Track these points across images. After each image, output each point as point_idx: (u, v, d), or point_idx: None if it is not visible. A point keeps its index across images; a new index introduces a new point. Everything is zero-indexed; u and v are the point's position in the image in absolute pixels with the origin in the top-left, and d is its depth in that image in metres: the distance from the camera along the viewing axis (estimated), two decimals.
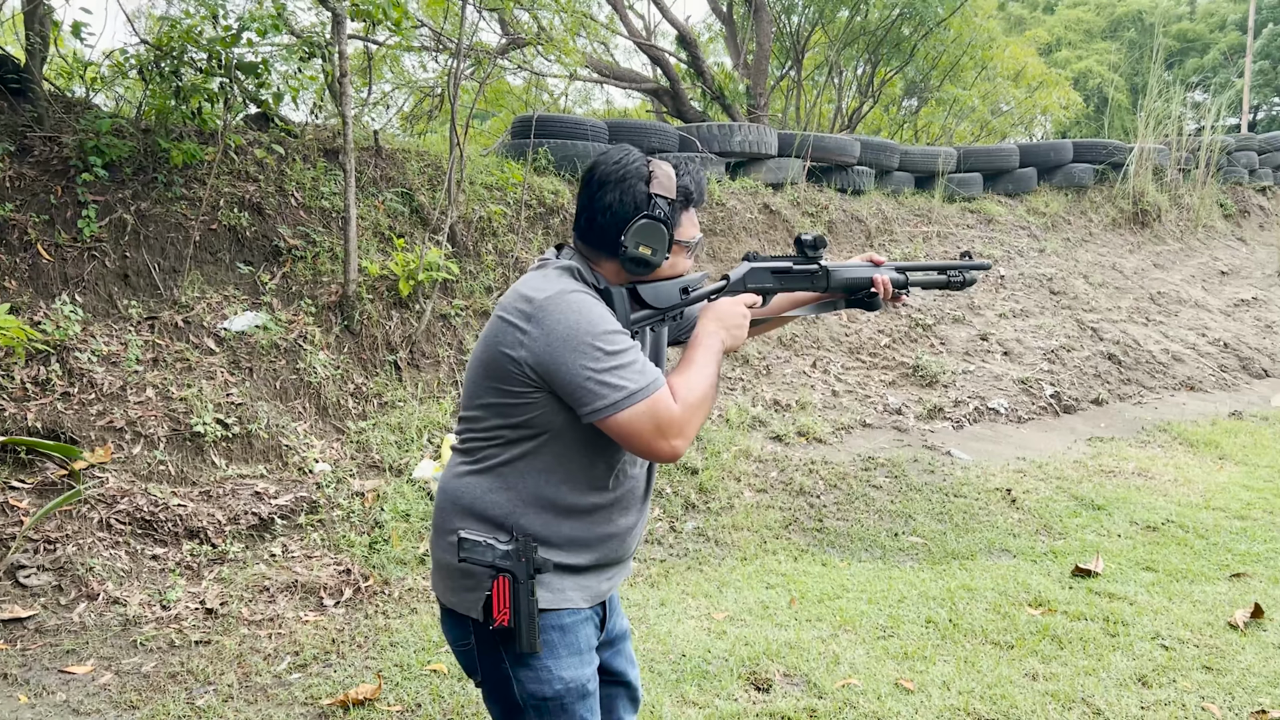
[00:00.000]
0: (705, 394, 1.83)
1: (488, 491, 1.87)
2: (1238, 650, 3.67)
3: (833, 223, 8.81)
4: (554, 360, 1.74)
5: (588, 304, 1.78)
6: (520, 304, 1.81)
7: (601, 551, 1.94)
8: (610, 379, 1.73)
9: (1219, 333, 9.52)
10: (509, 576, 1.80)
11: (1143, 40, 33.45)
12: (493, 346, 1.83)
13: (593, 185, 1.89)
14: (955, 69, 12.00)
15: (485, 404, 1.86)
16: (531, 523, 1.85)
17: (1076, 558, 4.73)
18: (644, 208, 1.86)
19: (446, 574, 1.92)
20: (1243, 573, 4.49)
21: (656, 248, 1.87)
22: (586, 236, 1.91)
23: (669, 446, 1.77)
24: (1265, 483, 5.95)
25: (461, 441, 1.95)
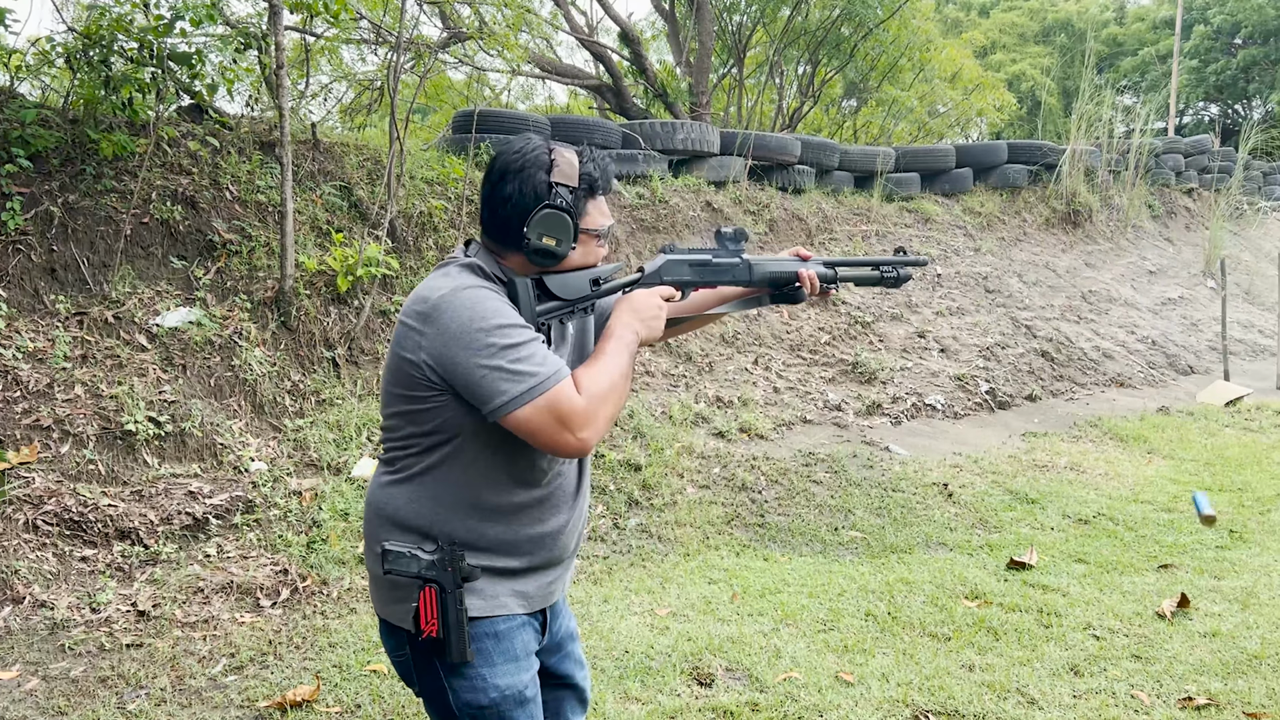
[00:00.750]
0: (613, 384, 1.78)
1: (410, 501, 1.82)
2: (1165, 639, 3.77)
3: (774, 221, 8.88)
4: (449, 359, 1.70)
5: (481, 297, 1.73)
6: (417, 305, 1.76)
7: (534, 553, 1.89)
8: (505, 374, 1.68)
9: (1147, 330, 9.78)
10: (435, 587, 1.75)
11: (1073, 45, 34.20)
12: (396, 352, 1.79)
13: (493, 176, 1.84)
14: (894, 70, 12.16)
15: (397, 412, 1.82)
16: (456, 529, 1.80)
17: (1011, 550, 4.83)
18: (545, 197, 1.80)
19: (378, 586, 1.89)
20: (1170, 564, 4.62)
21: (561, 238, 1.81)
22: (490, 230, 1.87)
23: (574, 440, 1.71)
24: (1191, 476, 6.12)
25: (383, 453, 1.91)
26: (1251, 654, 3.60)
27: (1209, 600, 4.14)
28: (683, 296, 2.07)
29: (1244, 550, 4.78)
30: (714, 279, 2.12)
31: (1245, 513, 5.36)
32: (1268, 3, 27.85)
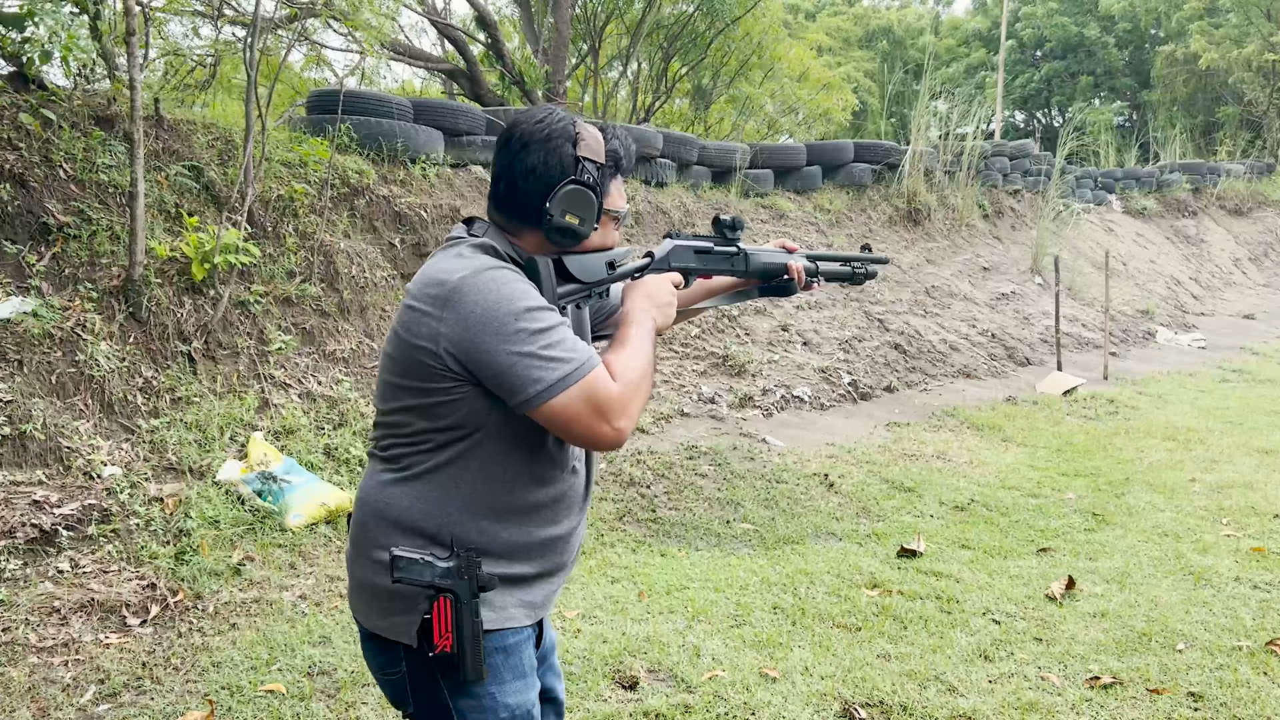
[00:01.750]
0: (644, 372, 1.67)
1: (418, 501, 1.66)
2: (1060, 621, 3.91)
3: (639, 214, 8.82)
4: (474, 346, 1.56)
5: (507, 279, 1.59)
6: (431, 288, 1.61)
7: (546, 558, 1.76)
8: (538, 361, 1.55)
9: (986, 324, 10.28)
10: (450, 597, 1.59)
11: (893, 51, 35.83)
12: (405, 340, 1.63)
13: (513, 146, 1.69)
14: (745, 67, 12.34)
15: (406, 406, 1.66)
16: (469, 532, 1.65)
17: (898, 539, 4.92)
18: (571, 172, 1.68)
19: (372, 596, 1.70)
20: (1048, 548, 4.81)
21: (585, 216, 1.70)
22: (506, 205, 1.72)
23: (611, 430, 1.59)
24: (1047, 462, 6.44)
25: (382, 448, 1.73)
26: (1140, 632, 3.78)
27: (1090, 581, 4.33)
28: (686, 284, 1.97)
29: (1109, 533, 5.04)
30: (715, 268, 2.04)
31: (1103, 497, 5.67)
32: (1070, 20, 29.92)
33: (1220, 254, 17.00)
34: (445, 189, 7.51)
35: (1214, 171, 18.62)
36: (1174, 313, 13.58)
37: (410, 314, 1.63)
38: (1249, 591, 4.20)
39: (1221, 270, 16.55)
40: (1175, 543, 4.85)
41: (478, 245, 1.68)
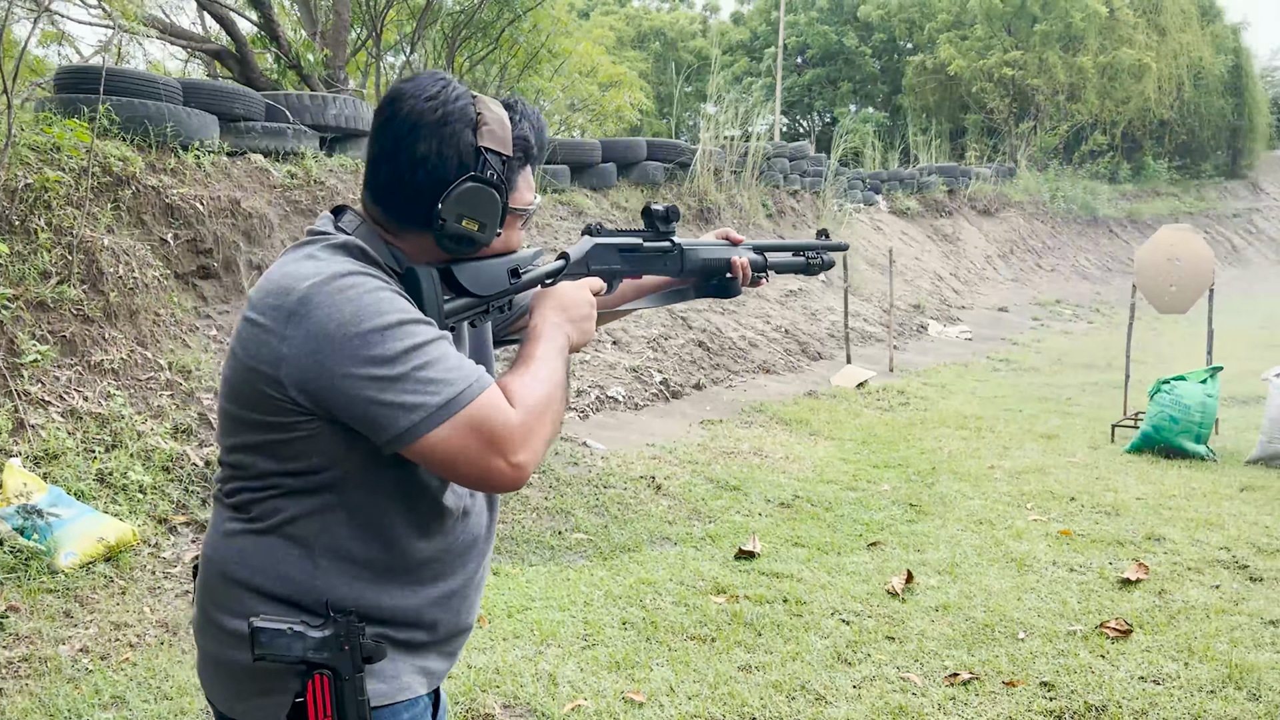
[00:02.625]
0: (550, 396, 1.36)
1: (274, 559, 1.35)
2: (906, 617, 3.92)
3: None
4: (324, 373, 1.24)
5: (368, 287, 1.28)
6: (273, 298, 1.29)
7: (440, 619, 1.45)
8: (410, 385, 1.24)
9: (779, 320, 10.52)
10: (328, 674, 1.29)
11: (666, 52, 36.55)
12: (241, 363, 1.32)
13: (397, 126, 1.37)
14: (534, 61, 12.08)
15: (247, 444, 1.35)
16: (340, 594, 1.35)
17: (732, 539, 4.84)
18: (471, 165, 1.37)
19: (228, 675, 1.38)
20: (877, 541, 4.87)
21: (485, 222, 1.39)
22: (387, 200, 1.40)
23: (508, 466, 1.28)
24: (857, 455, 6.58)
25: (227, 494, 1.40)
26: (982, 624, 3.84)
27: (923, 574, 4.39)
28: (609, 289, 1.68)
29: (929, 523, 5.17)
30: (644, 268, 1.76)
31: (915, 487, 5.83)
32: (830, 29, 31.50)
33: (974, 251, 18.32)
34: (222, 179, 6.82)
35: (966, 174, 20.06)
36: (940, 307, 14.47)
37: (248, 329, 1.32)
38: (1067, 575, 4.38)
39: (976, 266, 17.83)
40: (991, 530, 5.02)
41: (338, 245, 1.35)
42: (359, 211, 1.44)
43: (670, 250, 1.79)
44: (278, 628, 1.28)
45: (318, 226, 1.43)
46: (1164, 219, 24.98)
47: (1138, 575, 4.28)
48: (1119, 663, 3.47)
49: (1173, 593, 4.12)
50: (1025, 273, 18.94)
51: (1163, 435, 6.44)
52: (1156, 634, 3.71)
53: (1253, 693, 3.21)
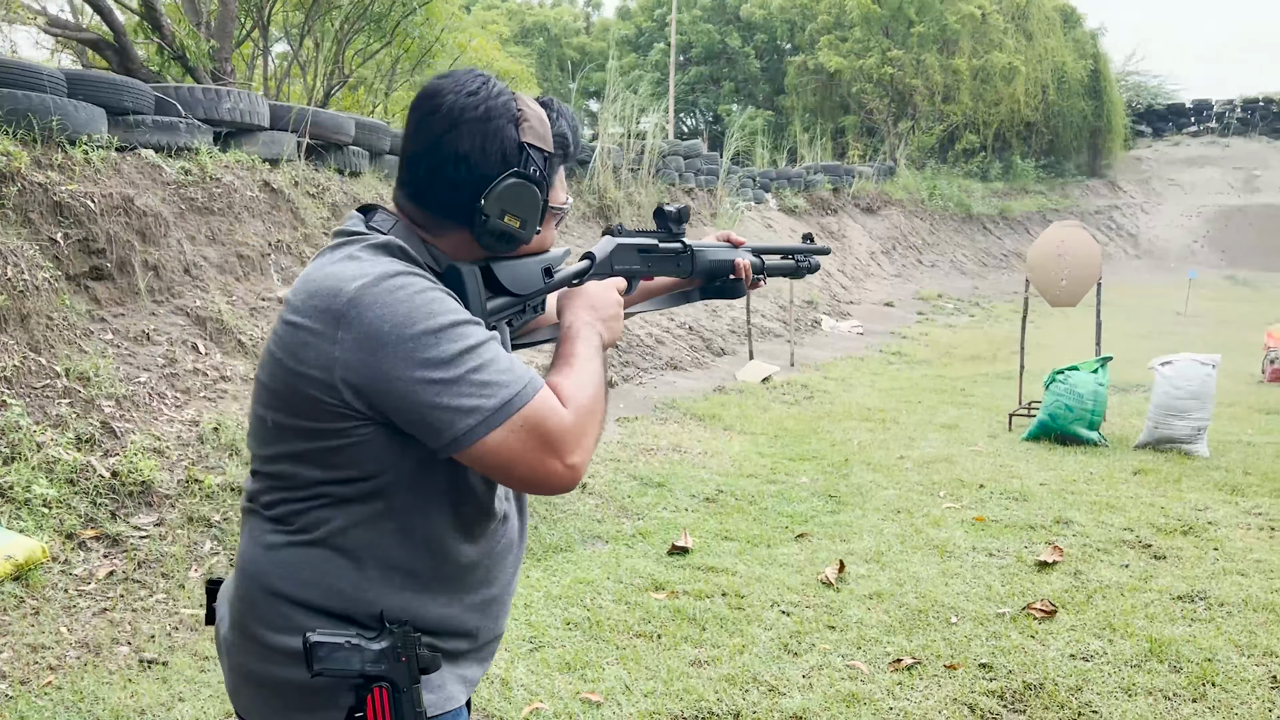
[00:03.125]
0: (598, 397, 1.38)
1: (321, 571, 1.32)
2: (843, 606, 4.02)
3: (335, 205, 8.18)
4: (381, 375, 1.22)
5: (419, 288, 1.26)
6: (318, 300, 1.27)
7: (481, 625, 1.45)
8: (467, 388, 1.23)
9: (682, 317, 10.61)
10: (387, 686, 1.27)
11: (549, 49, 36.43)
12: (288, 368, 1.28)
13: (437, 123, 1.34)
14: (429, 54, 11.87)
15: (293, 453, 1.31)
16: (388, 605, 1.33)
17: (663, 536, 4.87)
18: (514, 162, 1.35)
19: (272, 692, 1.33)
20: (804, 533, 4.96)
21: (527, 218, 1.38)
22: (425, 197, 1.37)
23: (564, 468, 1.29)
24: (771, 449, 6.70)
25: (266, 505, 1.36)
26: (916, 610, 3.96)
27: (853, 563, 4.50)
28: (629, 290, 1.68)
29: (850, 513, 5.30)
30: (659, 269, 1.76)
31: (832, 479, 5.97)
32: (714, 28, 31.89)
33: (859, 248, 18.84)
34: (113, 175, 6.49)
35: (849, 173, 20.61)
36: (832, 302, 14.83)
37: (293, 333, 1.28)
38: (987, 560, 4.56)
39: (861, 263, 18.35)
40: (910, 518, 5.18)
41: (379, 245, 1.33)
42: (391, 210, 1.42)
43: (683, 251, 1.80)
44: (336, 641, 1.26)
45: (348, 226, 1.40)
46: (1033, 216, 26.21)
47: (1053, 558, 4.48)
48: (1049, 642, 3.63)
49: (1087, 573, 4.33)
50: (907, 268, 19.59)
51: (1058, 423, 6.76)
52: (1079, 613, 3.89)
53: (1174, 665, 3.41)
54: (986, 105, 25.84)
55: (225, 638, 1.40)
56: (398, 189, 1.41)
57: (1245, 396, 8.49)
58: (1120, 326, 13.38)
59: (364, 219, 1.40)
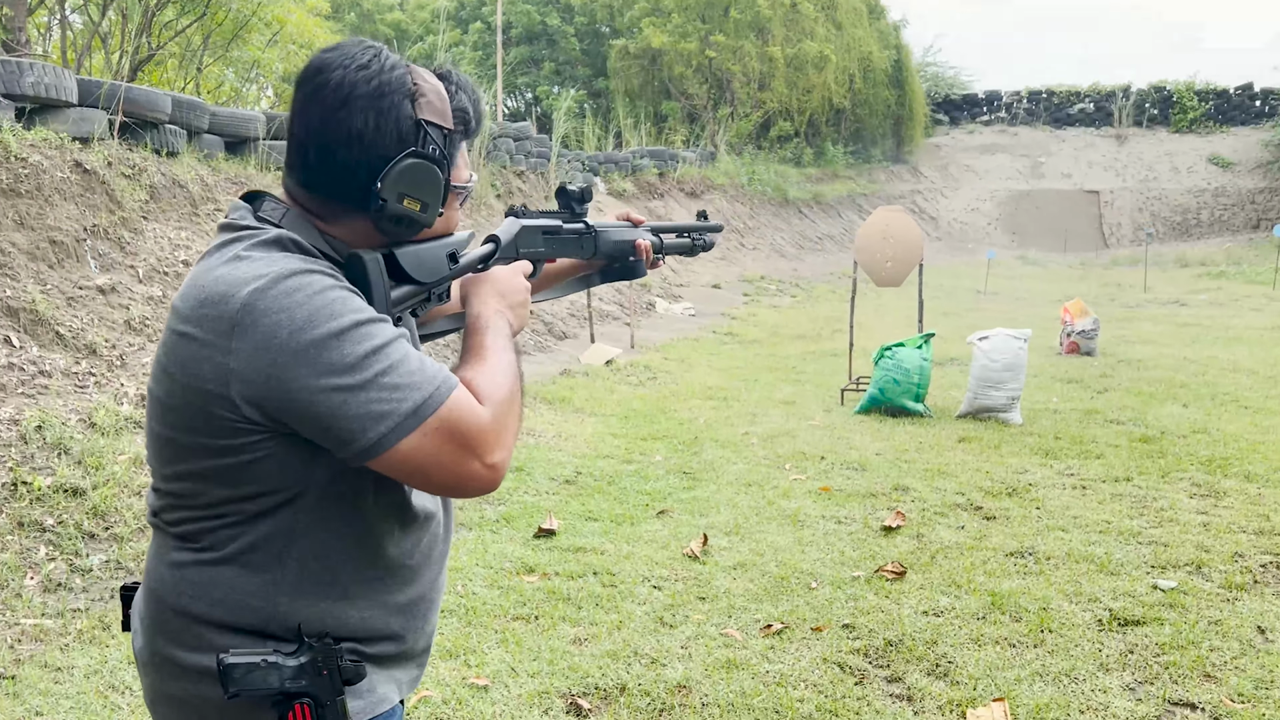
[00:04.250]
0: (515, 389, 1.31)
1: (234, 589, 1.26)
2: (710, 577, 4.17)
3: (154, 187, 7.72)
4: (280, 386, 1.16)
5: (317, 286, 1.19)
6: (210, 309, 1.19)
7: (407, 628, 1.39)
8: (376, 393, 1.16)
9: None
10: (308, 702, 1.23)
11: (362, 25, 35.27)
12: (179, 383, 1.21)
13: (325, 99, 1.25)
14: (244, 29, 11.31)
15: (195, 471, 1.24)
16: (307, 615, 1.28)
17: (527, 519, 4.90)
18: (411, 141, 1.27)
19: (193, 710, 1.29)
20: (664, 510, 5.10)
21: (428, 201, 1.30)
22: (317, 182, 1.29)
23: (484, 469, 1.22)
24: (623, 429, 6.82)
25: (171, 523, 1.29)
26: (778, 578, 4.16)
27: (714, 536, 4.67)
28: (534, 274, 1.64)
29: (704, 489, 5.48)
30: (562, 250, 1.73)
31: (684, 456, 6.15)
32: (534, 8, 31.68)
33: None
34: None
35: (674, 158, 20.99)
36: (663, 285, 15.11)
37: (184, 345, 1.21)
38: (837, 527, 4.82)
39: None
40: (761, 491, 5.41)
41: (270, 241, 1.25)
42: (279, 198, 1.33)
43: (586, 233, 1.76)
44: (250, 661, 1.21)
45: (235, 220, 1.30)
46: (844, 200, 27.45)
47: (897, 522, 4.79)
48: (902, 601, 3.89)
49: (928, 535, 4.65)
50: (731, 251, 20.16)
51: (887, 396, 7.18)
52: (925, 573, 4.19)
53: (1015, 615, 3.73)
54: (800, 93, 26.82)
55: (140, 651, 1.34)
56: (287, 174, 1.33)
57: (1046, 368, 9.24)
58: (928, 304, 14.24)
59: (250, 209, 1.31)
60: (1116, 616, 3.69)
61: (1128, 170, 32.07)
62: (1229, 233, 28.60)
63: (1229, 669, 3.27)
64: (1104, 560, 4.25)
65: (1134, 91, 35.13)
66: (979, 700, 3.09)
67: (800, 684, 3.24)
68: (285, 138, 1.35)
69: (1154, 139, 33.62)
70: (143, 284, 6.77)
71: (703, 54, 25.14)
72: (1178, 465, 5.74)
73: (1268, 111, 33.25)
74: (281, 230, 1.26)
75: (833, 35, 27.11)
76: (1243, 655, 3.36)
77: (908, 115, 32.19)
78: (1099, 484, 5.43)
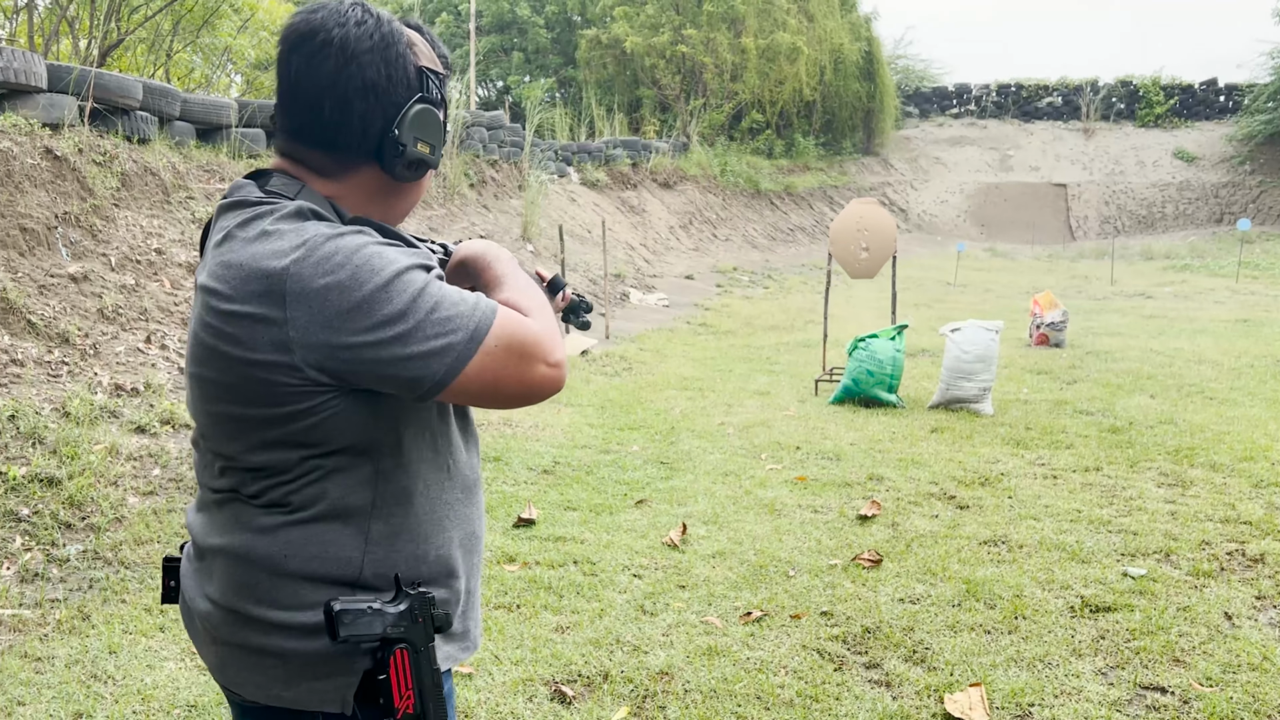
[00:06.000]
0: (544, 299, 1.38)
1: (327, 545, 1.31)
2: (690, 566, 4.21)
3: (126, 175, 7.64)
4: (342, 346, 1.20)
5: (353, 246, 1.23)
6: (255, 285, 1.22)
7: (467, 562, 1.46)
8: (431, 331, 1.21)
9: None
10: (407, 647, 1.29)
11: None
12: (237, 359, 1.25)
13: (332, 56, 1.29)
14: (214, 15, 11.19)
15: (270, 441, 1.29)
16: (394, 563, 1.34)
17: (506, 509, 4.92)
18: (418, 87, 1.34)
19: (278, 663, 1.33)
20: (643, 499, 5.14)
21: (435, 143, 1.37)
22: (330, 137, 1.32)
23: (549, 369, 1.27)
24: (600, 420, 6.84)
25: (253, 495, 1.33)
26: (757, 566, 4.21)
27: (693, 525, 4.71)
28: None
29: (682, 479, 5.52)
30: None
31: (661, 446, 6.18)
32: None
33: (659, 222, 19.27)
34: None
35: (646, 148, 21.00)
36: (637, 276, 15.14)
37: (235, 323, 1.24)
38: (813, 516, 4.88)
39: (661, 237, 18.78)
40: (738, 480, 5.46)
41: (293, 213, 1.27)
42: (285, 171, 1.36)
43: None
44: (358, 608, 1.27)
45: (244, 196, 1.32)
46: (815, 192, 27.57)
47: (872, 511, 4.85)
48: (878, 589, 3.95)
49: (903, 524, 4.72)
50: (704, 242, 20.21)
51: (861, 387, 7.25)
52: (901, 561, 4.25)
53: (989, 603, 3.80)
54: (772, 84, 26.88)
55: (205, 616, 1.37)
56: (291, 141, 1.35)
57: (1016, 359, 9.36)
58: (900, 296, 14.39)
59: (255, 184, 1.34)
60: (1088, 603, 3.77)
61: (1095, 164, 32.44)
62: (1193, 226, 29.02)
63: (1198, 654, 3.36)
64: (1075, 548, 4.33)
65: (1102, 85, 35.51)
66: (956, 685, 3.15)
67: (780, 670, 3.29)
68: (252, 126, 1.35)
69: (1120, 133, 34.01)
70: (115, 272, 6.70)
71: (675, 46, 25.10)
72: (1145, 455, 5.85)
73: (1231, 106, 33.73)
74: (300, 201, 1.29)
75: (805, 27, 27.17)
76: (1210, 640, 3.45)
77: (878, 107, 32.32)
78: (1069, 474, 5.53)
